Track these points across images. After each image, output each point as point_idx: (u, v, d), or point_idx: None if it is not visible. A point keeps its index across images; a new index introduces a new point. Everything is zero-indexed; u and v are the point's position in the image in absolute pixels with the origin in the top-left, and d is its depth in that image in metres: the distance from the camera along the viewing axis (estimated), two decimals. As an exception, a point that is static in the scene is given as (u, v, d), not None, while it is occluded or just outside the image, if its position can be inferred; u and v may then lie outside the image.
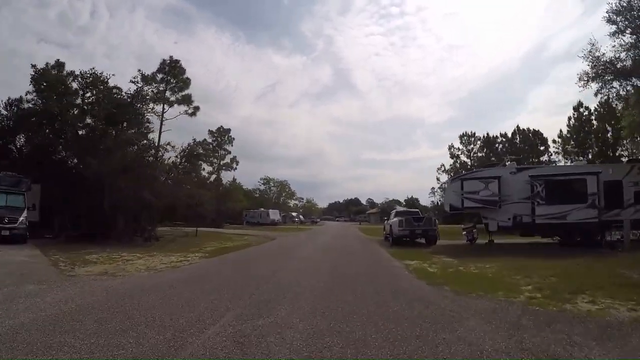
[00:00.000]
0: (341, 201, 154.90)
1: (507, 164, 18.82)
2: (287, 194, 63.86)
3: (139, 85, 21.78)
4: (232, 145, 47.95)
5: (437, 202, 49.16)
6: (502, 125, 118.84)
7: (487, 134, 41.01)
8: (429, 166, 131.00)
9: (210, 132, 48.17)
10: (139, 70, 23.85)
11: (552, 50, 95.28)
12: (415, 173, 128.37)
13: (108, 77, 19.36)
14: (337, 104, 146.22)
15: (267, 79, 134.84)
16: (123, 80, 35.60)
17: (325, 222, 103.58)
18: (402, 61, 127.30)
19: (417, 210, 24.98)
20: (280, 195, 62.71)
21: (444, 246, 15.54)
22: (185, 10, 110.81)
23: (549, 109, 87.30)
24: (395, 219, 17.57)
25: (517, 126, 38.82)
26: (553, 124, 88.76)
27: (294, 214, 73.92)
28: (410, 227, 16.25)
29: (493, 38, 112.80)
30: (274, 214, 51.37)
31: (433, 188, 53.08)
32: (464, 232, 17.17)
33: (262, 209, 53.52)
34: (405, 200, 65.73)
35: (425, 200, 74.44)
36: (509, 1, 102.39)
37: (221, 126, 48.35)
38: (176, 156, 21.81)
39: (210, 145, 48.03)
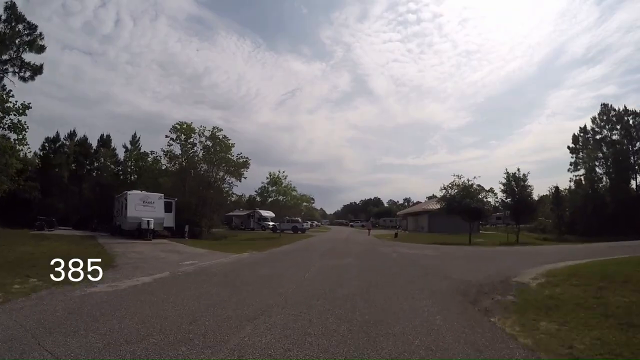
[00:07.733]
0: (358, 202, 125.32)
1: None
2: (228, 163, 26.33)
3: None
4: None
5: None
6: (520, 130, 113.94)
7: None
8: (447, 171, 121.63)
9: None
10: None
11: (569, 54, 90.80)
12: (433, 178, 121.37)
13: None
14: (355, 109, 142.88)
15: (286, 85, 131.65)
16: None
17: (332, 227, 68.97)
18: (420, 67, 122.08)
19: None
20: (213, 163, 25.33)
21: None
22: (207, 19, 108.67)
23: (568, 112, 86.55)
24: None
25: None
26: (573, 128, 63.90)
27: (265, 213, 39.16)
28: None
29: (509, 43, 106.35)
30: (147, 208, 16.86)
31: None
32: None
33: (134, 191, 18.73)
34: (505, 176, 27.74)
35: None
36: (523, 7, 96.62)
37: None
38: None
39: None
